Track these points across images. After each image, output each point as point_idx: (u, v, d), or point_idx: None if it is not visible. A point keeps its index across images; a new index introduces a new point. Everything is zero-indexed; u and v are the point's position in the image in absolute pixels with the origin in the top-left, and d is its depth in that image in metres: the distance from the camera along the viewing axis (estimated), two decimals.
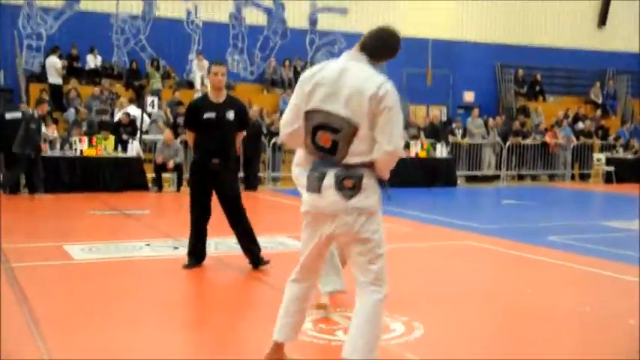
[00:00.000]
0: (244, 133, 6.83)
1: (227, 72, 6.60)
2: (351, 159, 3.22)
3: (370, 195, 3.25)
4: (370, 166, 3.24)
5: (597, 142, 20.29)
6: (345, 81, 3.23)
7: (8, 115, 13.15)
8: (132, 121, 15.57)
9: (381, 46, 3.39)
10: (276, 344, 3.54)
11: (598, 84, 24.07)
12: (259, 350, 3.75)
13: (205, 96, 6.66)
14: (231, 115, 6.41)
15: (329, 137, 3.21)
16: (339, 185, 3.21)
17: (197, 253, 6.57)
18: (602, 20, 24.65)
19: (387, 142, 3.17)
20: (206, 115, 6.34)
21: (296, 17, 21.50)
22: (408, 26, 22.35)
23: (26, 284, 5.70)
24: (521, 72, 23.53)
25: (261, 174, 15.82)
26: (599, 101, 23.91)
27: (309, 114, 3.28)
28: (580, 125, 20.84)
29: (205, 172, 6.38)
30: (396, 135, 3.21)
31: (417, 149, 16.81)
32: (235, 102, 6.73)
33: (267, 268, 6.59)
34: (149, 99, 15.95)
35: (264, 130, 16.24)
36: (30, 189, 13.11)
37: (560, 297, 5.78)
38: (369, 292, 3.29)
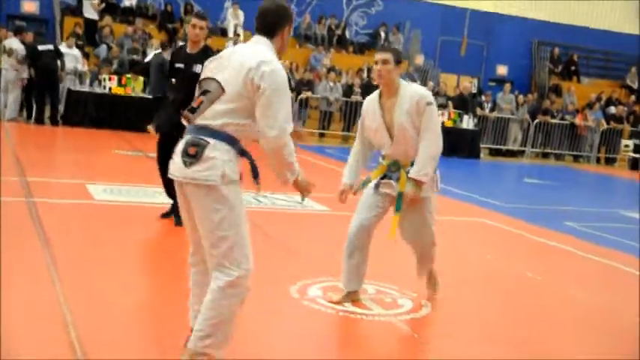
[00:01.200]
0: None
1: (207, 27, 6.33)
2: (205, 120, 3.06)
3: (212, 167, 2.99)
4: (227, 136, 3.04)
5: (627, 127, 20.01)
6: (235, 55, 3.13)
7: (41, 47, 13.24)
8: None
9: (264, 19, 3.16)
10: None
11: (634, 69, 23.63)
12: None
13: (184, 45, 6.52)
14: (197, 68, 6.07)
15: (200, 99, 3.13)
16: (184, 150, 3.05)
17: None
18: None
19: (269, 127, 2.97)
20: (177, 65, 6.28)
21: None
22: None
23: (47, 222, 5.84)
24: (557, 50, 23.14)
25: None
26: (635, 87, 23.50)
27: (199, 84, 3.24)
28: (612, 109, 20.52)
29: (173, 122, 5.90)
30: (281, 119, 2.98)
31: (443, 119, 16.73)
32: (207, 55, 6.59)
33: (280, 227, 6.66)
34: (180, 44, 15.92)
35: (292, 85, 16.22)
36: (52, 120, 13.33)
37: (565, 285, 5.80)
38: (213, 280, 3.08)
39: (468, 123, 17.05)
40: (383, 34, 21.36)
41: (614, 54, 23.78)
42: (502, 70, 23.27)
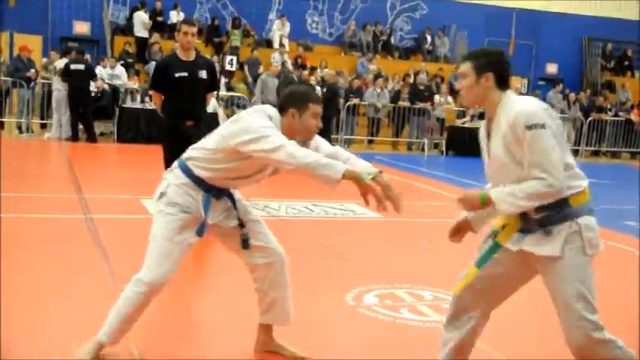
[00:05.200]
0: (215, 93, 6.50)
1: (197, 33, 6.26)
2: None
3: (159, 186, 3.40)
4: (185, 167, 3.35)
5: None
6: None
7: (73, 66, 13.29)
8: None
9: (279, 97, 3.42)
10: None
11: None
12: (300, 316, 3.79)
13: (174, 54, 6.29)
14: (203, 74, 6.15)
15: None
16: None
17: None
18: None
19: (265, 153, 3.13)
20: (177, 74, 6.04)
21: None
22: None
23: (105, 236, 5.96)
24: (610, 46, 22.61)
25: (334, 136, 15.92)
26: None
27: None
28: None
29: (179, 134, 5.94)
30: (264, 141, 3.11)
31: None
32: (206, 61, 6.53)
33: (333, 235, 6.65)
34: (228, 58, 16.17)
35: (340, 94, 16.22)
36: (88, 138, 13.51)
37: (631, 289, 5.62)
38: None
39: None
40: (429, 38, 21.23)
41: None
42: (552, 68, 22.87)
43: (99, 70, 14.79)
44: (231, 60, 16.33)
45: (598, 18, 22.73)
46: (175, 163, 3.41)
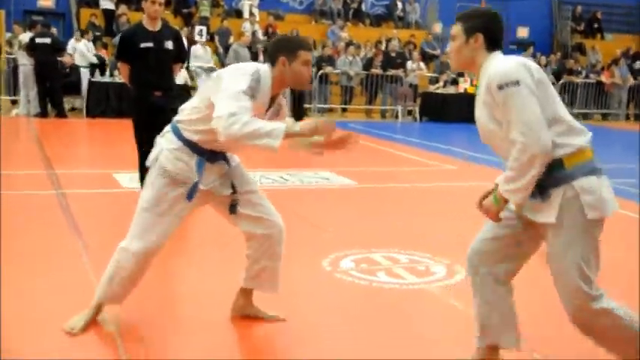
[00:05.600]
0: (183, 64, 6.45)
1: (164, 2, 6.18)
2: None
3: (154, 151, 3.31)
4: (177, 130, 3.24)
5: None
6: None
7: (39, 40, 13.00)
8: None
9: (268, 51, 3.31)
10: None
11: None
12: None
13: (140, 24, 6.19)
14: (169, 44, 6.10)
15: None
16: None
17: None
18: None
19: (215, 119, 2.98)
20: (143, 45, 5.98)
21: None
22: None
23: (77, 211, 5.88)
24: (579, 9, 22.66)
25: (307, 105, 15.83)
26: None
27: None
28: (639, 64, 20.12)
29: (147, 105, 5.93)
30: (223, 106, 2.96)
31: (465, 85, 16.56)
32: (172, 31, 6.43)
33: (309, 204, 6.65)
34: (197, 28, 15.94)
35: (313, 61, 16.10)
36: (58, 113, 13.24)
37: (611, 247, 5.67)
38: None
39: None
40: (400, 5, 21.11)
41: (638, 7, 23.25)
42: (523, 32, 22.88)
43: (84, 43, 14.56)
44: (201, 30, 16.11)
45: None
46: (168, 127, 3.30)
